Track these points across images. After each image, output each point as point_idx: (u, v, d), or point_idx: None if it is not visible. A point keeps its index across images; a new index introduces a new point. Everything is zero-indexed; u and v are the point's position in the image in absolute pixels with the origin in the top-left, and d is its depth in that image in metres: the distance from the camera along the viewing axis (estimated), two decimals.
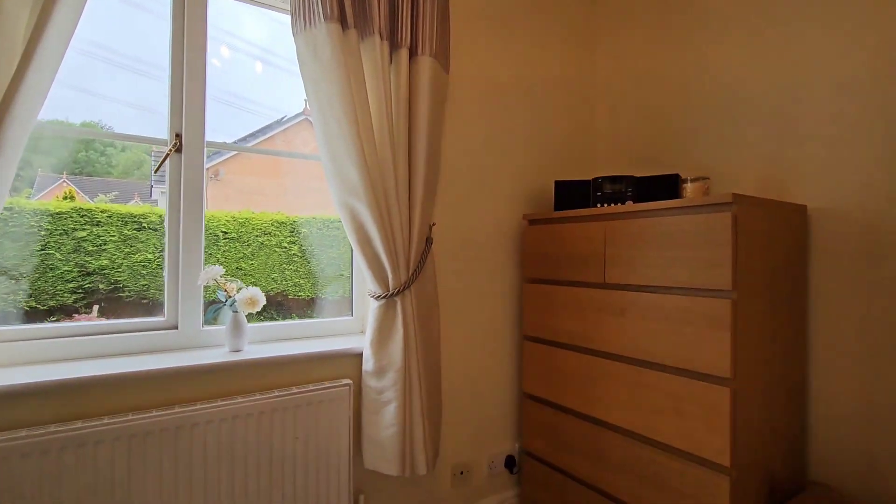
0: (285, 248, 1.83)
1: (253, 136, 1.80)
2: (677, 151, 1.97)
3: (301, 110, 1.90)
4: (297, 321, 1.68)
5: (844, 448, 1.47)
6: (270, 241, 1.80)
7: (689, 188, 1.57)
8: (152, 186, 1.64)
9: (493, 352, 1.96)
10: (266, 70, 1.80)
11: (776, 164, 1.65)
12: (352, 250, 1.83)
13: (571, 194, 1.88)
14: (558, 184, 1.90)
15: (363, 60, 1.50)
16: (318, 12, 1.39)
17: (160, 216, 1.54)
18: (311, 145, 1.91)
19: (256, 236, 1.77)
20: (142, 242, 1.53)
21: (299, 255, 1.85)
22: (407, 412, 1.51)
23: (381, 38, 1.50)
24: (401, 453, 1.49)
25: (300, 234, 1.87)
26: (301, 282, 1.83)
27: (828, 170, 1.53)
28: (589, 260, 1.67)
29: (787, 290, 1.46)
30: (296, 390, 1.45)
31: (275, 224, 1.82)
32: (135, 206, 1.55)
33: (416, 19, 1.61)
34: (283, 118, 1.88)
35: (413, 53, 1.61)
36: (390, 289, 1.53)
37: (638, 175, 2.10)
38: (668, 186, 1.66)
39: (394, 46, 1.57)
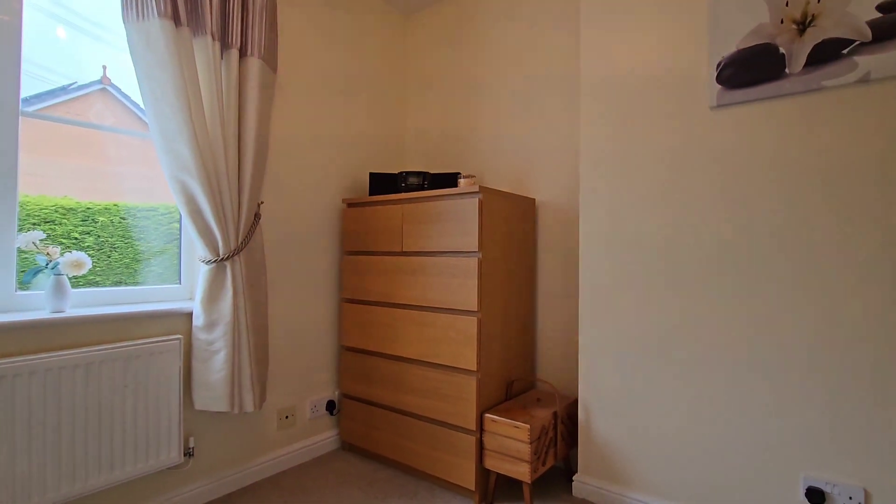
0: (76, 239, 1.67)
1: (27, 101, 1.59)
2: (465, 157, 2.59)
3: (99, 78, 1.78)
4: (124, 287, 1.79)
5: (555, 357, 2.23)
6: (54, 230, 1.62)
7: (462, 182, 2.16)
8: None
9: (316, 313, 2.31)
10: (53, 28, 1.65)
11: (522, 172, 2.37)
12: (179, 234, 1.99)
13: (383, 184, 2.35)
14: (372, 175, 2.35)
15: (196, 55, 1.72)
16: (152, 7, 1.58)
17: None
18: (110, 119, 1.79)
19: (34, 224, 1.57)
20: None
21: (95, 247, 1.71)
22: (235, 359, 1.78)
23: (213, 39, 1.74)
24: (230, 393, 1.75)
25: (97, 223, 1.72)
26: (98, 279, 1.72)
27: (547, 177, 2.28)
28: (392, 234, 2.15)
29: (521, 254, 2.15)
30: (125, 344, 1.60)
31: (60, 211, 1.63)
32: None
33: (245, 25, 1.87)
34: (71, 85, 1.72)
35: (243, 54, 1.87)
36: (220, 254, 1.78)
37: (433, 171, 2.69)
38: (450, 180, 2.24)
39: (225, 46, 1.82)
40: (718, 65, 1.64)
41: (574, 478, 1.94)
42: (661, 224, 1.76)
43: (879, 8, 1.39)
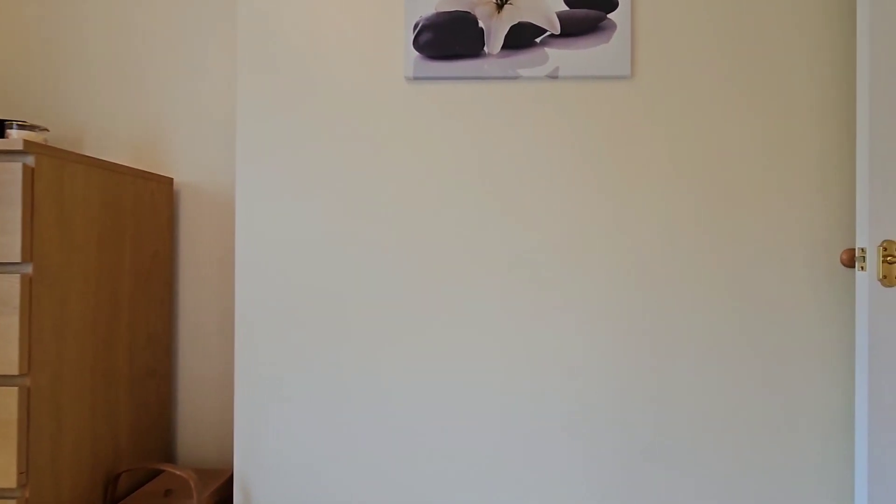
0: None
1: None
2: (56, 109, 1.56)
3: None
4: None
5: (211, 420, 1.52)
6: None
7: (14, 135, 1.20)
8: None
9: None
10: None
11: (154, 140, 1.54)
12: None
13: None
14: None
15: None
16: None
17: None
18: None
19: None
20: None
21: None
22: None
23: None
24: None
25: None
26: None
27: (195, 151, 1.54)
28: None
29: (144, 265, 1.35)
30: None
31: None
32: None
33: None
34: None
35: None
36: None
37: None
38: None
39: None
40: (416, 25, 1.29)
41: None
42: (347, 227, 1.30)
43: (567, 1, 1.28)
